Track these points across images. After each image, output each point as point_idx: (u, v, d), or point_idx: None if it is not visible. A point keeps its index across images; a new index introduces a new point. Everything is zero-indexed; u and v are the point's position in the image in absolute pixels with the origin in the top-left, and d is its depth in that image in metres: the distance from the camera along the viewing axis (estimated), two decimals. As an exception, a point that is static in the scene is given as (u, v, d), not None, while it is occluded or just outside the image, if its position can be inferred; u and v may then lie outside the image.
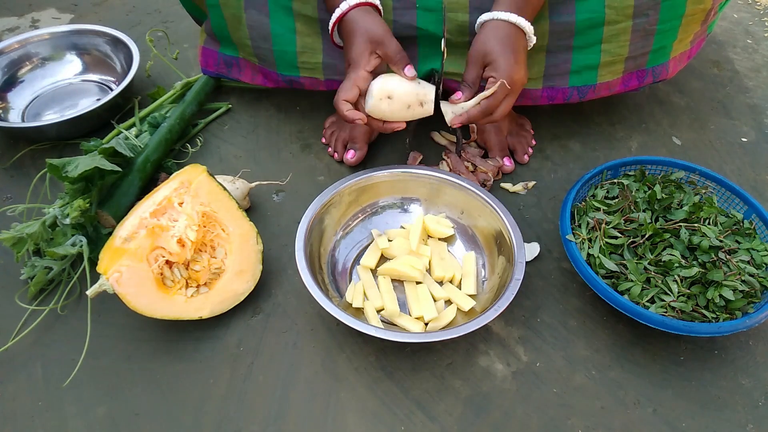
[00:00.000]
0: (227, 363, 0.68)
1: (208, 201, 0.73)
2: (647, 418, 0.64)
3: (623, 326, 0.72)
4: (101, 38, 1.06)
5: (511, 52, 0.70)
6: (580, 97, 0.86)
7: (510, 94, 0.71)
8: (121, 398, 0.65)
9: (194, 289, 0.71)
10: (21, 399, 0.65)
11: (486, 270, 0.76)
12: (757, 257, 0.69)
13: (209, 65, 0.96)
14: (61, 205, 0.75)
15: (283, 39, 0.85)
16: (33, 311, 0.72)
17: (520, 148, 0.92)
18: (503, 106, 0.72)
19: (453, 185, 0.79)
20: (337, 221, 0.78)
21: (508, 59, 0.70)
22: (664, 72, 0.85)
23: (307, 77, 0.88)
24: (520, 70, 0.71)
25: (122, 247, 0.67)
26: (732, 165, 0.95)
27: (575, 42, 0.80)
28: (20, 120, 0.99)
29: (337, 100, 0.71)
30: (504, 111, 0.73)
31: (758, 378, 0.68)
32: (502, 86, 0.70)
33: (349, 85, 0.71)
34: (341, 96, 0.71)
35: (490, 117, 0.73)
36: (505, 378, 0.67)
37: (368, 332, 0.62)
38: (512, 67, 0.70)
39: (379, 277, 0.74)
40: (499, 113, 0.73)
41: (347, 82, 0.71)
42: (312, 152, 0.95)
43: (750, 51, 1.22)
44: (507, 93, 0.71)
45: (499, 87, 0.70)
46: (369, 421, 0.64)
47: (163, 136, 0.89)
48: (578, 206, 0.76)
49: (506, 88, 0.70)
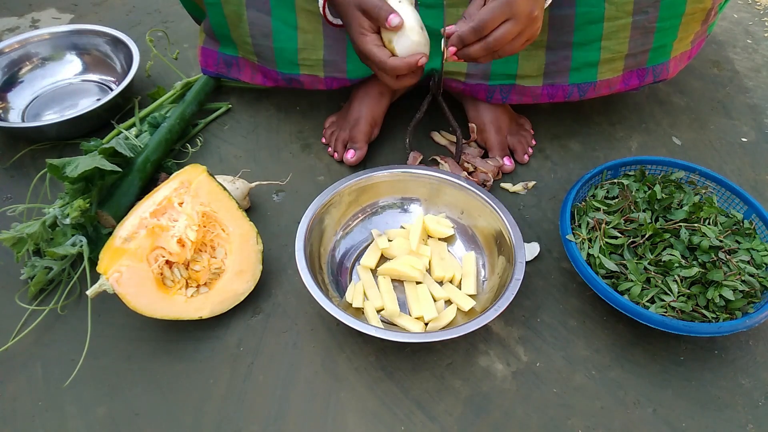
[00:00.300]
0: (227, 363, 0.68)
1: (208, 201, 0.73)
2: (647, 418, 0.64)
3: (623, 326, 0.72)
4: (101, 38, 1.06)
5: None
6: (581, 95, 0.86)
7: (513, 18, 0.63)
8: (121, 398, 0.65)
9: (194, 289, 0.71)
10: (21, 399, 0.65)
11: (486, 270, 0.76)
12: (757, 257, 0.69)
13: (209, 65, 0.96)
14: (61, 205, 0.75)
15: (284, 35, 0.85)
16: (33, 311, 0.72)
17: (520, 148, 0.92)
18: (502, 31, 0.64)
19: (453, 185, 0.79)
20: (337, 221, 0.78)
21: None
22: (665, 71, 0.85)
23: (306, 75, 0.88)
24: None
25: (122, 247, 0.67)
26: (732, 165, 0.95)
27: (575, 38, 0.80)
28: (20, 120, 0.99)
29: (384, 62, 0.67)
30: (502, 37, 0.64)
31: (758, 378, 0.68)
32: (500, 3, 0.62)
33: (376, 49, 0.68)
34: (384, 57, 0.67)
35: (487, 42, 0.65)
36: (505, 378, 0.67)
37: (368, 332, 0.62)
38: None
39: (379, 277, 0.74)
40: (495, 38, 0.64)
41: (372, 48, 0.68)
42: (312, 152, 0.95)
43: (750, 51, 1.22)
44: (508, 15, 0.63)
45: (497, 3, 0.62)
46: (369, 421, 0.64)
47: (163, 136, 0.89)
48: (578, 206, 0.76)
49: (506, 8, 0.62)
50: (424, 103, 0.88)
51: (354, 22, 0.69)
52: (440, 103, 0.87)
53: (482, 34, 0.64)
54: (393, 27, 0.67)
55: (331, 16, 0.76)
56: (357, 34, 0.69)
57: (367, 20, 0.69)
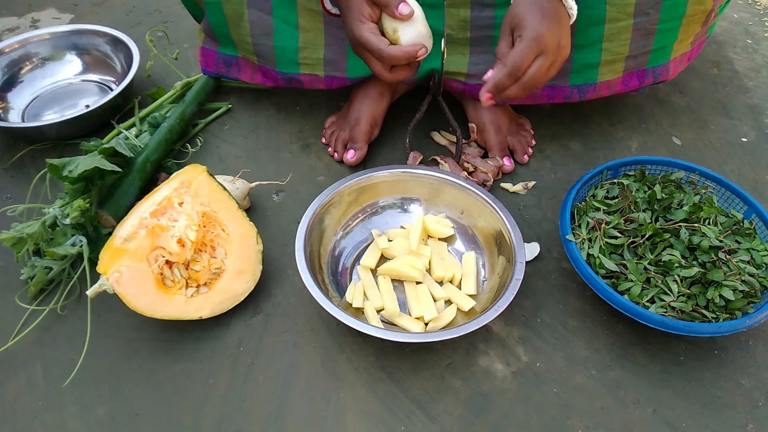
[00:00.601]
0: (227, 363, 0.68)
1: (208, 201, 0.73)
2: (647, 418, 0.64)
3: (623, 326, 0.72)
4: (101, 38, 1.06)
5: (539, 11, 0.65)
6: (581, 96, 0.86)
7: (542, 54, 0.65)
8: (121, 398, 0.65)
9: (194, 289, 0.71)
10: (21, 399, 0.65)
11: (486, 270, 0.76)
12: (757, 257, 0.69)
13: (209, 65, 0.96)
14: (61, 205, 0.75)
15: (285, 34, 0.85)
16: (33, 311, 0.72)
17: (520, 148, 0.92)
18: (534, 68, 0.65)
19: (453, 185, 0.79)
20: (337, 221, 0.78)
21: (534, 17, 0.64)
22: (665, 73, 0.85)
23: (306, 74, 0.88)
24: (552, 30, 0.64)
25: (122, 247, 0.67)
26: (732, 165, 0.95)
27: (576, 40, 0.80)
28: (20, 120, 0.99)
29: (381, 50, 0.66)
30: (536, 75, 0.65)
31: (758, 378, 0.68)
32: (529, 43, 0.63)
33: (373, 37, 0.66)
34: (382, 45, 0.66)
35: (522, 82, 0.66)
36: (505, 378, 0.67)
37: (368, 332, 0.62)
38: (540, 24, 0.64)
39: (379, 277, 0.74)
40: (530, 77, 0.65)
41: (369, 36, 0.66)
42: (312, 152, 0.95)
43: (750, 51, 1.22)
44: (537, 52, 0.64)
45: (525, 44, 0.63)
46: (369, 421, 0.64)
47: (163, 136, 0.89)
48: (578, 206, 0.76)
49: (535, 46, 0.64)
50: (424, 103, 0.88)
51: (354, 8, 0.67)
52: (440, 103, 0.87)
53: (517, 77, 0.65)
54: (403, 16, 0.65)
55: (329, 4, 0.75)
56: (355, 21, 0.67)
57: (368, 8, 0.67)
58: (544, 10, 0.65)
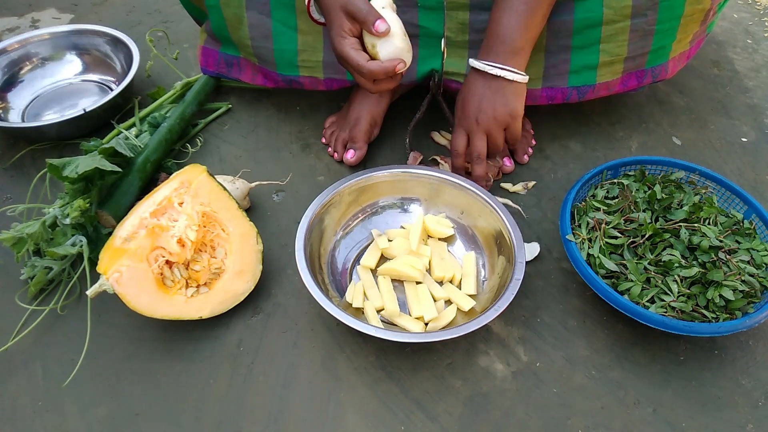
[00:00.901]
0: (227, 363, 0.68)
1: (208, 201, 0.73)
2: (647, 418, 0.64)
3: (623, 326, 0.72)
4: (101, 38, 1.06)
5: (462, 99, 0.78)
6: (580, 97, 0.86)
7: (471, 132, 0.78)
8: (121, 398, 0.65)
9: (194, 289, 0.71)
10: (21, 399, 0.65)
11: (486, 270, 0.76)
12: (757, 257, 0.69)
13: (209, 65, 0.96)
14: (61, 205, 0.75)
15: (284, 37, 0.85)
16: (33, 311, 0.72)
17: (520, 148, 0.92)
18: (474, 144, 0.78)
19: (453, 185, 0.79)
20: (337, 221, 0.78)
21: (459, 108, 0.78)
22: (663, 72, 0.85)
23: (306, 76, 0.88)
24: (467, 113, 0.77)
25: (122, 247, 0.67)
26: (732, 165, 0.95)
27: (574, 42, 0.80)
28: (20, 120, 0.99)
29: (361, 66, 0.67)
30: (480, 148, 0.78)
31: (758, 378, 0.68)
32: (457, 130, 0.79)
33: (354, 53, 0.67)
34: (362, 60, 0.67)
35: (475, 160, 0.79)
36: (505, 378, 0.67)
37: (368, 332, 0.62)
38: (460, 112, 0.78)
39: (379, 277, 0.74)
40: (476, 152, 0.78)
41: (350, 51, 0.68)
42: (312, 152, 0.95)
43: (750, 51, 1.22)
44: (465, 134, 0.78)
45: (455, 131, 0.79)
46: (369, 421, 0.64)
47: (163, 136, 0.89)
48: (578, 206, 0.76)
49: (461, 131, 0.78)
50: (424, 103, 0.88)
51: (335, 23, 0.69)
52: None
53: (462, 157, 0.79)
54: (380, 33, 0.67)
55: (316, 14, 0.75)
56: (336, 36, 0.69)
57: (349, 23, 0.68)
58: (467, 96, 0.77)
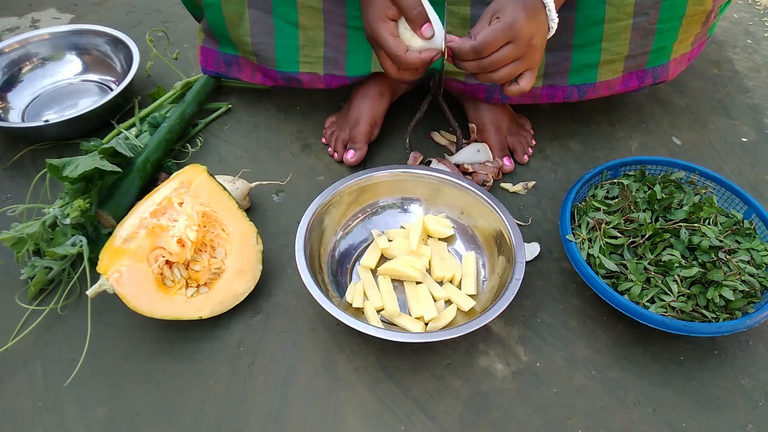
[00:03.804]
0: (227, 363, 0.68)
1: (208, 201, 0.73)
2: (647, 418, 0.64)
3: (623, 326, 0.72)
4: (101, 38, 1.06)
5: (523, 4, 0.65)
6: (580, 95, 0.86)
7: (513, 41, 0.64)
8: (121, 398, 0.65)
9: (194, 289, 0.71)
10: (21, 399, 0.65)
11: (486, 270, 0.76)
12: (757, 257, 0.69)
13: (209, 64, 0.97)
14: (61, 205, 0.75)
15: (285, 33, 0.85)
16: (33, 311, 0.72)
17: (520, 148, 0.92)
18: (501, 53, 0.65)
19: (453, 185, 0.79)
20: (337, 221, 0.78)
21: (517, 7, 0.64)
22: (665, 73, 0.85)
23: (306, 73, 0.88)
24: (529, 24, 0.64)
25: (122, 247, 0.67)
26: (732, 165, 0.95)
27: (575, 40, 0.80)
28: (20, 120, 0.99)
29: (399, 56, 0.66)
30: (500, 59, 0.65)
31: (758, 378, 0.68)
32: (504, 26, 0.63)
33: (392, 40, 0.66)
34: (400, 50, 0.66)
35: (484, 62, 0.66)
36: (505, 378, 0.67)
37: (368, 332, 0.62)
38: (520, 14, 0.64)
39: (379, 277, 0.74)
40: (493, 59, 0.65)
41: (388, 38, 0.67)
42: (312, 152, 0.95)
43: (750, 51, 1.22)
44: (509, 38, 0.64)
45: (499, 26, 0.63)
46: (369, 421, 0.64)
47: (163, 136, 0.89)
48: (578, 206, 0.76)
49: (508, 30, 0.64)
50: (424, 103, 0.88)
51: (377, 5, 0.67)
52: (440, 103, 0.87)
53: (481, 56, 0.65)
54: (425, 38, 0.67)
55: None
56: (376, 18, 0.68)
57: (393, 8, 0.67)
58: (528, 6, 0.65)
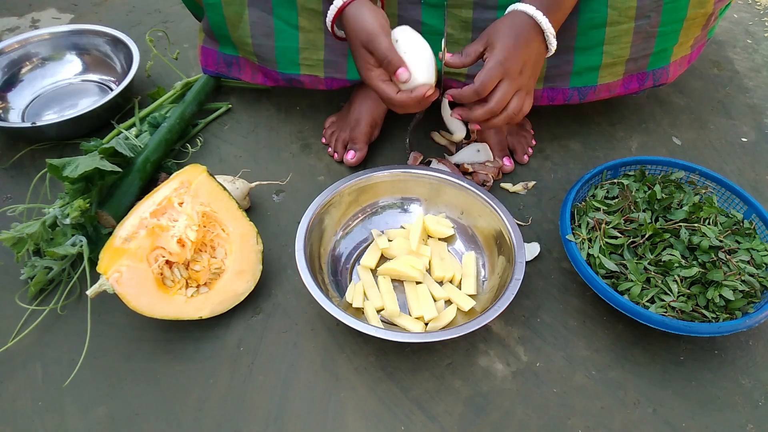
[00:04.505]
0: (227, 363, 0.68)
1: (208, 201, 0.73)
2: (647, 418, 0.64)
3: (623, 326, 0.72)
4: (101, 38, 1.06)
5: (514, 36, 0.67)
6: (581, 98, 0.86)
7: (505, 78, 0.67)
8: (121, 398, 0.65)
9: (194, 289, 0.71)
10: (21, 399, 0.65)
11: (486, 270, 0.76)
12: (757, 257, 0.69)
13: (209, 64, 0.96)
14: (61, 205, 0.75)
15: (285, 35, 0.85)
16: (33, 311, 0.72)
17: (520, 148, 0.92)
18: (500, 92, 0.67)
19: (453, 185, 0.79)
20: (337, 221, 0.78)
21: (507, 41, 0.66)
22: (665, 75, 0.85)
23: (307, 75, 0.88)
24: (517, 56, 0.67)
25: (122, 247, 0.67)
26: (732, 165, 0.95)
27: (577, 43, 0.80)
28: (20, 120, 0.99)
29: (392, 98, 0.68)
30: (502, 98, 0.68)
31: (758, 378, 0.68)
32: (494, 64, 0.66)
33: (382, 85, 0.69)
34: (391, 93, 0.68)
35: (489, 107, 0.68)
36: (505, 378, 0.67)
37: (368, 332, 0.62)
38: (508, 48, 0.66)
39: (379, 277, 0.74)
40: (496, 100, 0.67)
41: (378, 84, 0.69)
42: (312, 152, 0.95)
43: (750, 51, 1.22)
44: (501, 76, 0.67)
45: (492, 65, 0.66)
46: (369, 421, 0.64)
47: (163, 136, 0.89)
48: (578, 206, 0.76)
49: (499, 69, 0.66)
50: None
51: (360, 57, 0.70)
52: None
53: (482, 96, 0.68)
54: (401, 82, 0.68)
55: (339, 32, 0.76)
56: (363, 69, 0.70)
57: (373, 57, 0.69)
58: (519, 37, 0.67)
